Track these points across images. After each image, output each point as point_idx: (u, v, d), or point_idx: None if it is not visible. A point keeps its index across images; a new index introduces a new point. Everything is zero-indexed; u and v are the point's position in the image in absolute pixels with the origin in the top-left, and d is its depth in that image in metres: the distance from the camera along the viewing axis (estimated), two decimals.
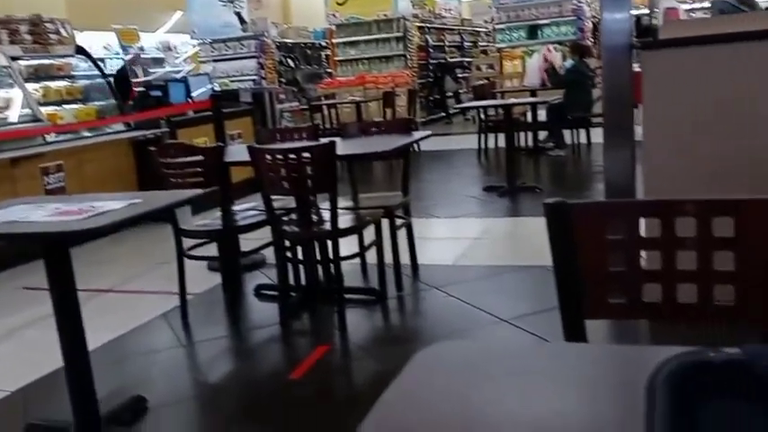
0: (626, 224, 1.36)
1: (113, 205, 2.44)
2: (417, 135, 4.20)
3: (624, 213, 1.37)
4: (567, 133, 8.56)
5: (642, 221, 1.37)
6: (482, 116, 8.96)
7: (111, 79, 7.04)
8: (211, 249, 3.94)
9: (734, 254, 1.31)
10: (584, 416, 0.80)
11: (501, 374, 0.87)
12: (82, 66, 6.86)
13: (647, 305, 1.40)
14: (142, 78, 8.68)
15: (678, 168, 3.12)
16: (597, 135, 6.35)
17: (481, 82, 11.01)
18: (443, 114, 14.11)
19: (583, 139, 8.58)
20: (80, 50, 6.84)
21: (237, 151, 4.02)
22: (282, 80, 12.04)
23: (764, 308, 1.30)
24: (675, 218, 1.34)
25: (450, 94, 14.27)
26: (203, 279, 4.34)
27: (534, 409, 0.81)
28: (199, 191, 2.66)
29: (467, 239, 4.97)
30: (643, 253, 1.41)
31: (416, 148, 9.66)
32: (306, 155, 3.19)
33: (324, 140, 3.39)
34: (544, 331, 3.03)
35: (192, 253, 3.80)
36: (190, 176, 3.52)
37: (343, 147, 3.66)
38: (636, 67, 3.59)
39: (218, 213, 3.95)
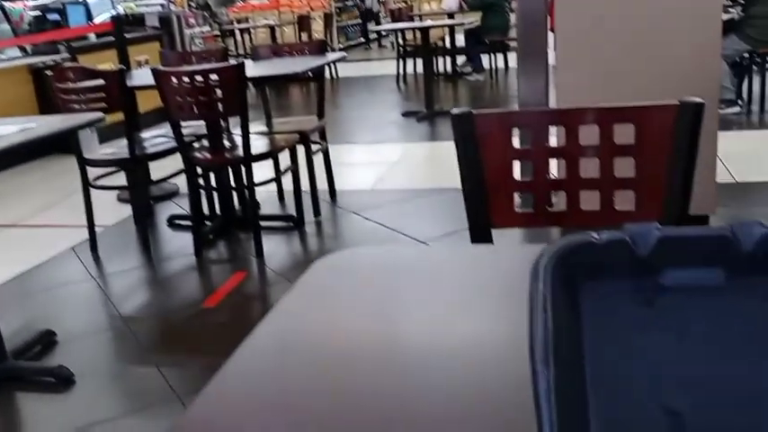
0: (530, 133, 1.36)
1: (4, 130, 2.29)
2: (331, 56, 4.10)
3: (527, 122, 1.36)
4: (484, 58, 8.57)
5: (552, 135, 1.38)
6: (400, 41, 8.84)
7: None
8: (120, 180, 3.78)
9: (634, 160, 1.33)
10: (481, 310, 0.80)
11: (401, 276, 0.86)
12: None
13: (552, 213, 1.42)
14: None
15: (589, 88, 3.17)
16: (514, 59, 6.38)
17: (399, 5, 10.83)
18: (363, 40, 13.86)
19: (500, 64, 8.62)
20: None
21: (142, 75, 3.83)
22: (192, 4, 11.51)
23: (661, 213, 1.33)
24: (579, 126, 1.35)
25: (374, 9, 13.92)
26: (114, 211, 4.19)
27: (434, 307, 0.80)
28: (99, 114, 2.52)
29: (385, 164, 4.96)
30: (553, 164, 1.42)
31: (335, 75, 9.50)
32: (214, 77, 3.06)
33: (233, 62, 3.26)
34: None
35: (100, 183, 3.64)
36: (92, 102, 3.34)
37: (253, 69, 3.54)
38: None
39: (125, 141, 3.78)
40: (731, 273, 0.50)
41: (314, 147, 3.89)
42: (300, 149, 3.71)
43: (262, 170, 3.59)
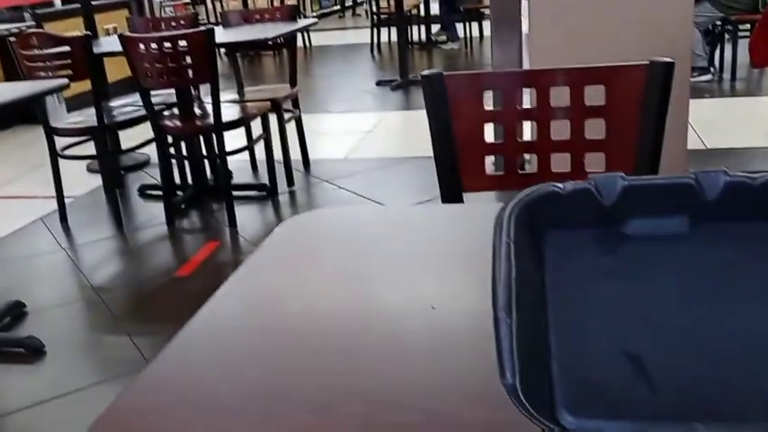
0: (501, 95, 1.35)
1: None
2: (303, 22, 4.04)
3: (497, 84, 1.35)
4: (459, 26, 8.51)
5: (525, 99, 1.37)
6: (374, 9, 8.74)
7: None
8: (90, 150, 3.71)
9: (605, 121, 1.33)
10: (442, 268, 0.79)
11: (366, 234, 0.85)
12: None
13: (523, 176, 1.42)
14: None
15: (562, 55, 3.15)
16: (489, 28, 6.34)
17: None
18: (337, 8, 13.68)
19: (475, 32, 8.56)
20: None
21: (110, 42, 3.74)
22: None
23: (632, 174, 1.33)
24: (550, 87, 1.35)
25: None
26: (83, 181, 4.13)
27: (400, 263, 0.79)
28: (64, 80, 2.46)
29: (359, 133, 4.93)
30: (527, 127, 1.41)
31: (308, 44, 9.38)
32: (183, 43, 3.00)
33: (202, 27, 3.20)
34: None
35: (68, 153, 3.57)
36: (57, 69, 3.25)
37: (223, 35, 3.48)
38: None
39: (93, 110, 3.70)
40: (695, 221, 0.50)
41: (286, 115, 3.85)
42: (273, 118, 3.67)
43: (234, 139, 3.54)
